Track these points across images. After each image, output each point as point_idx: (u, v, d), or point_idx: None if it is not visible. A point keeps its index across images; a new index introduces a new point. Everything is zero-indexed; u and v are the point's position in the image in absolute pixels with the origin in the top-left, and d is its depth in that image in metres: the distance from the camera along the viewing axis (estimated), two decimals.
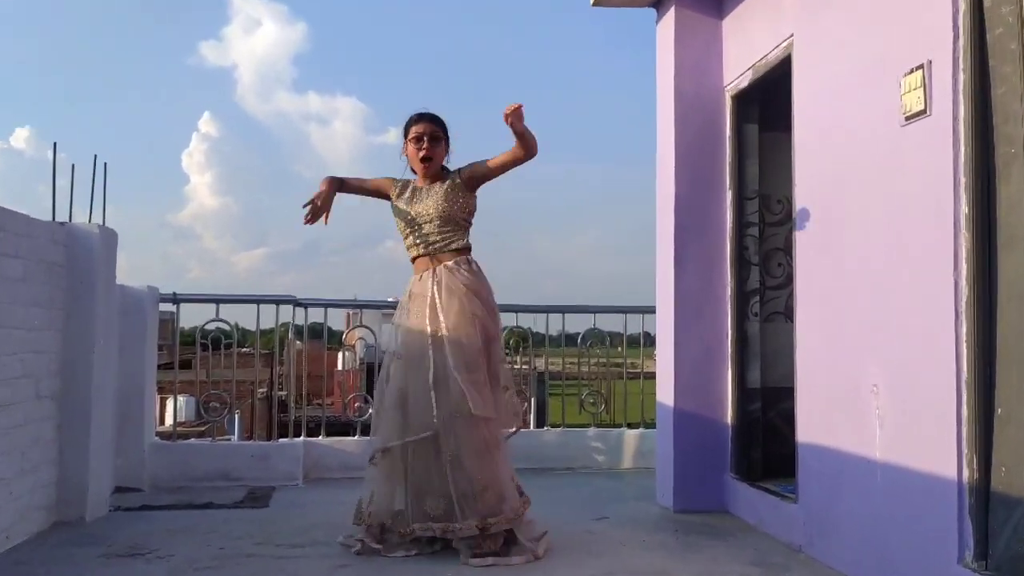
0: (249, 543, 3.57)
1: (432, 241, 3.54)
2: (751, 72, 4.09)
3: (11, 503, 3.45)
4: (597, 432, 5.80)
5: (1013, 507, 2.39)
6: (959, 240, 2.56)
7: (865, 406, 3.04)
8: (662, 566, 3.25)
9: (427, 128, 3.60)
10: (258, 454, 5.09)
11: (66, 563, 3.24)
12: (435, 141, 3.60)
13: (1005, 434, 2.43)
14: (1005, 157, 2.47)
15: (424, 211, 3.55)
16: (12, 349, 3.46)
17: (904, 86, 2.81)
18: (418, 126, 3.61)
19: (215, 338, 5.34)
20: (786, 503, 3.66)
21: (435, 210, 3.53)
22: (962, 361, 2.54)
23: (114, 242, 4.28)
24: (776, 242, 4.33)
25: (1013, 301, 2.43)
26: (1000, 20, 2.48)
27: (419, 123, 3.62)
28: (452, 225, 3.55)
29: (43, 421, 3.75)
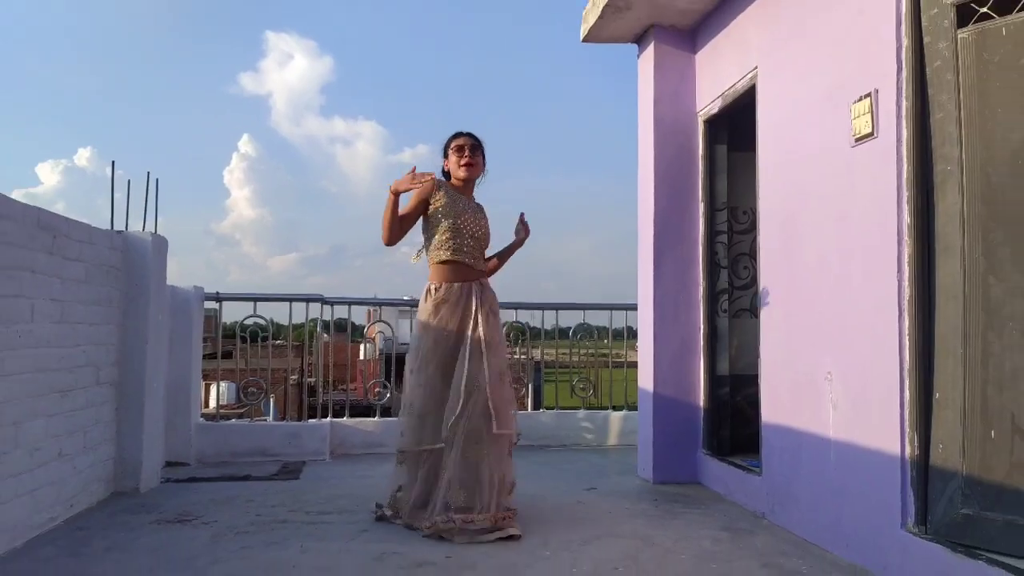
0: (283, 511, 3.57)
1: (477, 256, 3.40)
2: (721, 99, 4.09)
3: (75, 476, 3.45)
4: (586, 414, 5.80)
5: (949, 479, 2.39)
6: (902, 247, 2.57)
7: (820, 391, 3.04)
8: (644, 531, 3.26)
9: (468, 141, 3.45)
10: (290, 433, 5.08)
11: (122, 528, 3.25)
12: (475, 152, 3.45)
13: (942, 416, 2.43)
14: (942, 175, 2.47)
15: (478, 226, 3.40)
16: (75, 341, 3.47)
17: (854, 111, 2.81)
18: (459, 139, 3.46)
19: (253, 332, 5.33)
20: (751, 476, 3.66)
21: (486, 230, 3.44)
22: (905, 352, 2.54)
23: (164, 248, 4.28)
24: (743, 248, 4.33)
25: (949, 301, 2.43)
26: (938, 54, 2.49)
27: (460, 137, 3.47)
28: (486, 247, 3.48)
29: (103, 405, 3.76)
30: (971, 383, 2.35)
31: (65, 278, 3.37)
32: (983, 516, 2.29)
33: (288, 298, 5.33)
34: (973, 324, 2.35)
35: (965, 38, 2.41)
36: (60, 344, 3.33)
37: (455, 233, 3.32)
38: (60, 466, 3.31)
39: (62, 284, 3.34)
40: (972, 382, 2.34)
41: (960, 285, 2.39)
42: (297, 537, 3.12)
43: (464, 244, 3.34)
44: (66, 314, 3.38)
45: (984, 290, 2.33)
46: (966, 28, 2.41)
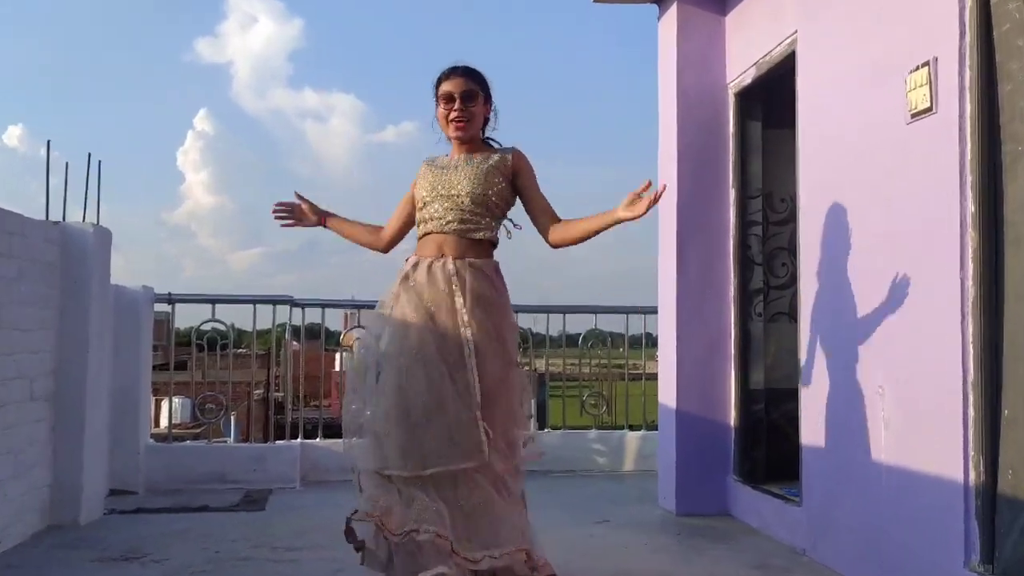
0: (245, 546, 3.57)
1: (450, 220, 2.84)
2: (754, 69, 4.09)
3: (5, 505, 3.45)
4: (598, 434, 5.80)
5: (1020, 509, 2.39)
6: (965, 239, 2.57)
7: (870, 408, 3.04)
8: (664, 570, 3.26)
9: (458, 85, 2.89)
10: (254, 456, 5.09)
11: (60, 567, 3.24)
12: (469, 99, 2.90)
13: (1012, 436, 2.43)
14: (1012, 155, 2.47)
15: (454, 182, 2.86)
16: (6, 349, 3.47)
17: (910, 83, 2.81)
18: (448, 83, 2.91)
19: (211, 339, 5.34)
20: (789, 506, 3.66)
21: (467, 183, 2.84)
22: (968, 362, 2.54)
23: (108, 241, 4.28)
24: (780, 241, 4.33)
25: (1020, 300, 2.43)
26: (1007, 16, 2.48)
27: (449, 79, 2.92)
28: (483, 210, 2.86)
29: (37, 422, 3.76)
30: None
31: None
32: None
33: (252, 299, 5.33)
34: None
35: None
36: None
37: (432, 198, 2.90)
38: None
39: None
40: None
41: None
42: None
43: (435, 212, 2.88)
44: None
45: None
46: None
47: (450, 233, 2.84)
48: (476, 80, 2.94)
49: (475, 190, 2.84)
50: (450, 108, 2.89)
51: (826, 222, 3.45)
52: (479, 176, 2.86)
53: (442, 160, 2.98)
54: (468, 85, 2.91)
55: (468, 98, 2.90)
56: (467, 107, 2.89)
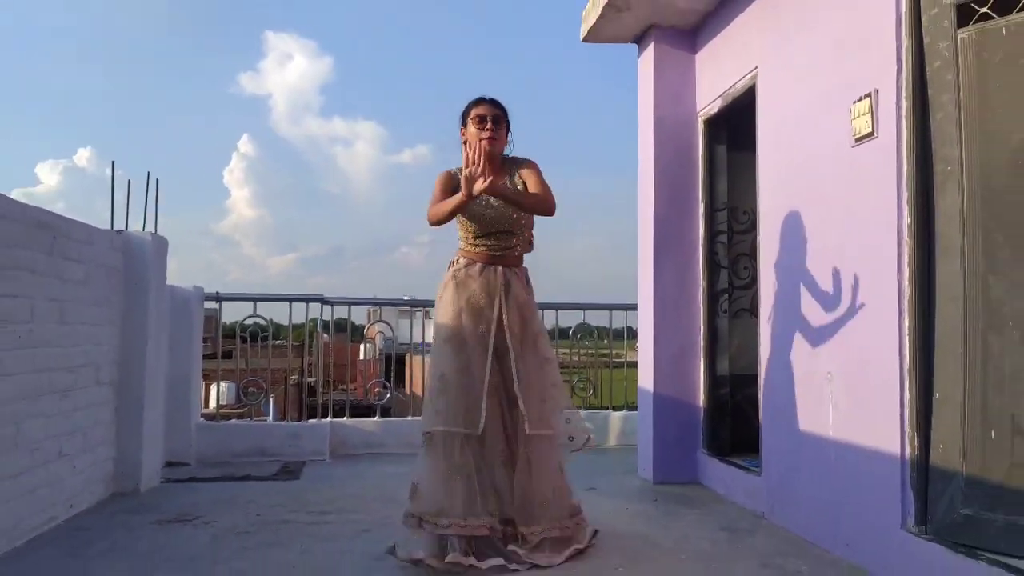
0: (283, 511, 3.57)
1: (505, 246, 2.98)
2: (721, 99, 4.09)
3: (75, 476, 3.45)
4: (586, 413, 5.77)
5: (949, 479, 2.39)
6: (902, 247, 2.57)
7: (820, 391, 3.04)
8: (644, 531, 3.25)
9: (490, 110, 2.99)
10: (290, 433, 5.08)
11: (122, 528, 3.24)
12: (497, 123, 2.99)
13: (942, 415, 2.43)
14: (942, 175, 2.47)
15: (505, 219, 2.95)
16: (75, 342, 3.47)
17: (854, 112, 2.81)
18: (480, 108, 3.01)
19: (253, 332, 5.33)
20: (751, 476, 3.66)
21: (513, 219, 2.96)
22: (905, 352, 2.54)
23: (165, 248, 4.27)
24: (743, 248, 4.32)
25: (949, 302, 2.43)
26: (938, 54, 2.48)
27: (480, 105, 3.02)
28: (521, 228, 3.02)
29: (102, 405, 3.75)
30: (971, 383, 2.34)
31: (65, 278, 3.37)
32: (983, 516, 2.29)
33: (288, 298, 5.32)
34: (973, 324, 2.35)
35: (965, 38, 2.41)
36: (60, 344, 3.32)
37: (482, 234, 2.98)
38: (60, 466, 3.31)
39: (62, 284, 3.34)
40: (972, 382, 2.34)
41: (960, 285, 2.39)
42: (298, 537, 3.12)
43: (492, 241, 2.97)
44: (66, 314, 3.38)
45: (984, 290, 2.33)
46: (966, 28, 2.41)
47: (501, 254, 2.99)
48: (501, 109, 3.06)
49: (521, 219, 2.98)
50: (482, 127, 2.97)
51: (782, 231, 3.45)
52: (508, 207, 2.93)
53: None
54: (496, 111, 3.03)
55: (496, 121, 3.01)
56: (496, 128, 2.99)
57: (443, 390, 2.86)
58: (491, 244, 2.99)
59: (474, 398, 2.82)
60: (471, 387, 2.84)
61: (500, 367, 2.90)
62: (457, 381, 2.85)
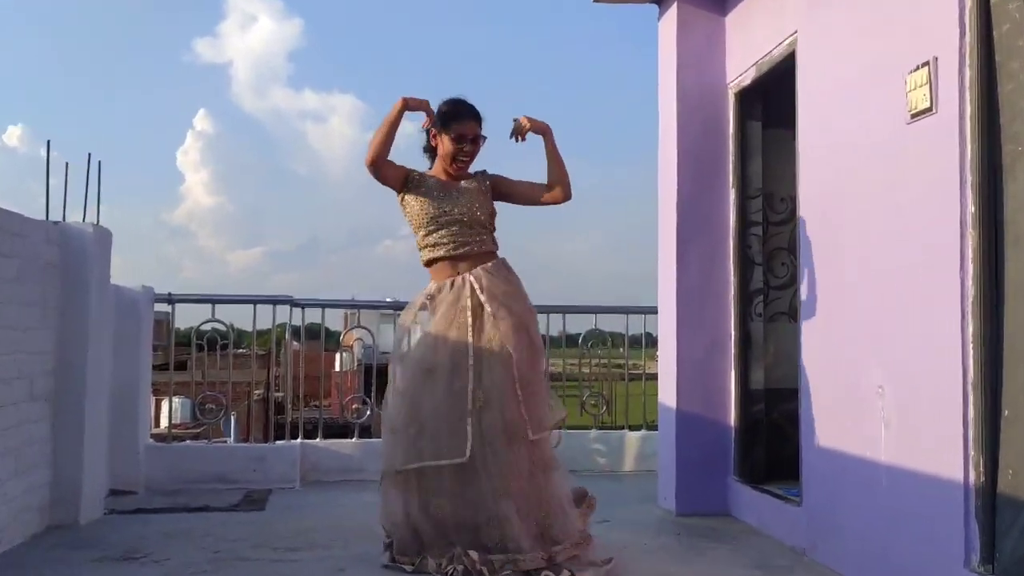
0: (245, 546, 3.57)
1: (463, 242, 3.24)
2: (754, 69, 4.09)
3: (4, 505, 3.44)
4: (598, 434, 5.80)
5: (1020, 509, 2.39)
6: (965, 239, 2.56)
7: (870, 407, 3.04)
8: (664, 569, 3.25)
9: (473, 129, 3.29)
10: (255, 456, 5.08)
11: (60, 566, 3.24)
12: (476, 143, 3.32)
13: (1012, 435, 2.43)
14: (1012, 155, 2.47)
15: (458, 211, 3.23)
16: (6, 349, 3.46)
17: (910, 83, 2.81)
18: (464, 125, 3.28)
19: (211, 339, 5.34)
20: (790, 506, 3.66)
21: (470, 211, 3.24)
22: (968, 362, 2.54)
23: (108, 241, 4.27)
24: (780, 241, 4.33)
25: (1020, 300, 2.43)
26: (1007, 16, 2.48)
27: (466, 121, 3.29)
28: (481, 228, 3.29)
29: (37, 422, 3.75)
30: None
31: None
32: None
33: (252, 300, 5.33)
34: None
35: None
36: None
37: (437, 226, 3.25)
38: None
39: None
40: None
41: None
42: None
43: (449, 233, 3.24)
44: None
45: None
46: None
47: (460, 257, 3.23)
48: (481, 124, 3.32)
49: (476, 213, 3.24)
50: (460, 149, 3.26)
51: (826, 222, 3.45)
52: (478, 198, 3.26)
53: (432, 183, 3.30)
54: (478, 130, 3.30)
55: (476, 142, 3.30)
56: (475, 150, 3.30)
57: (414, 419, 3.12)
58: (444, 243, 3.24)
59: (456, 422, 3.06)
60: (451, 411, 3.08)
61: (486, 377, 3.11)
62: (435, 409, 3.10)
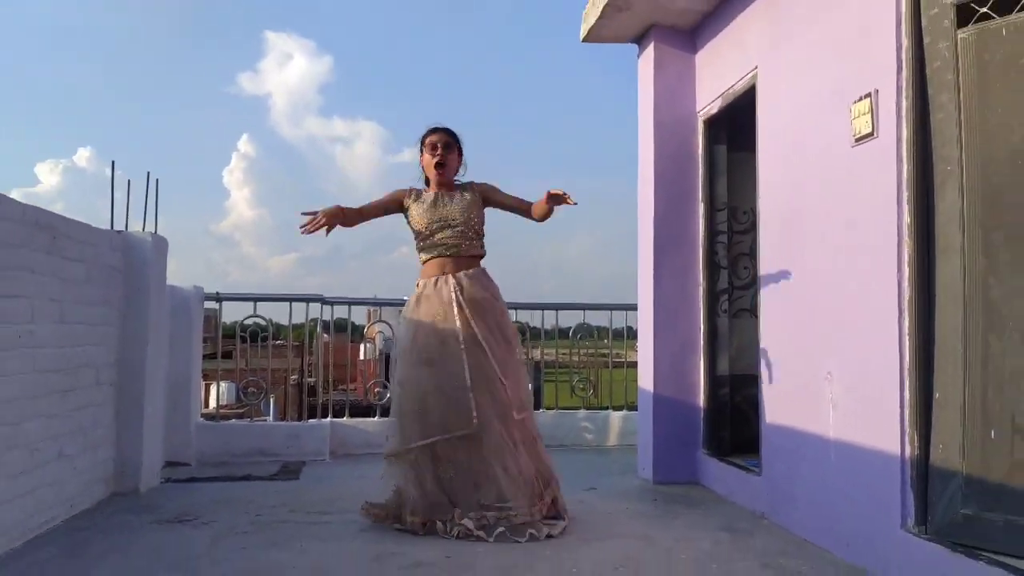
0: (283, 511, 3.57)
1: (452, 244, 3.33)
2: (721, 99, 4.09)
3: (75, 476, 3.45)
4: (586, 414, 5.80)
5: (949, 479, 2.39)
6: (902, 247, 2.57)
7: (820, 391, 3.04)
8: (644, 531, 3.25)
9: (441, 138, 3.44)
10: (290, 433, 5.08)
11: (122, 528, 3.25)
12: (448, 149, 3.43)
13: (942, 416, 2.43)
14: (942, 175, 2.47)
15: (449, 215, 3.33)
16: (75, 342, 3.47)
17: (854, 112, 2.81)
18: (433, 136, 3.45)
19: (253, 332, 5.33)
20: (751, 476, 3.66)
21: (460, 215, 3.33)
22: (905, 352, 2.54)
23: (165, 248, 4.27)
24: (743, 248, 4.32)
25: (949, 302, 2.43)
26: (938, 55, 2.48)
27: (434, 134, 3.46)
28: (472, 232, 3.38)
29: (102, 405, 3.76)
30: (971, 383, 2.35)
31: (65, 278, 3.37)
32: (983, 516, 2.29)
33: (288, 298, 5.33)
34: (973, 324, 2.35)
35: (965, 38, 2.41)
36: (60, 344, 3.33)
37: (432, 231, 3.36)
38: (60, 466, 3.31)
39: (62, 284, 3.34)
40: (972, 382, 2.34)
41: (960, 285, 2.39)
42: (297, 537, 3.12)
43: (442, 237, 3.34)
44: (66, 314, 3.38)
45: (984, 291, 2.33)
46: (966, 28, 2.41)
47: (450, 256, 3.31)
48: (454, 137, 3.47)
49: (466, 219, 3.33)
50: (435, 154, 3.39)
51: (782, 231, 3.45)
52: (467, 207, 3.34)
53: (427, 197, 3.40)
54: (449, 139, 3.44)
55: (448, 148, 3.42)
56: (447, 155, 3.40)
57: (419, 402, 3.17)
58: (439, 244, 3.33)
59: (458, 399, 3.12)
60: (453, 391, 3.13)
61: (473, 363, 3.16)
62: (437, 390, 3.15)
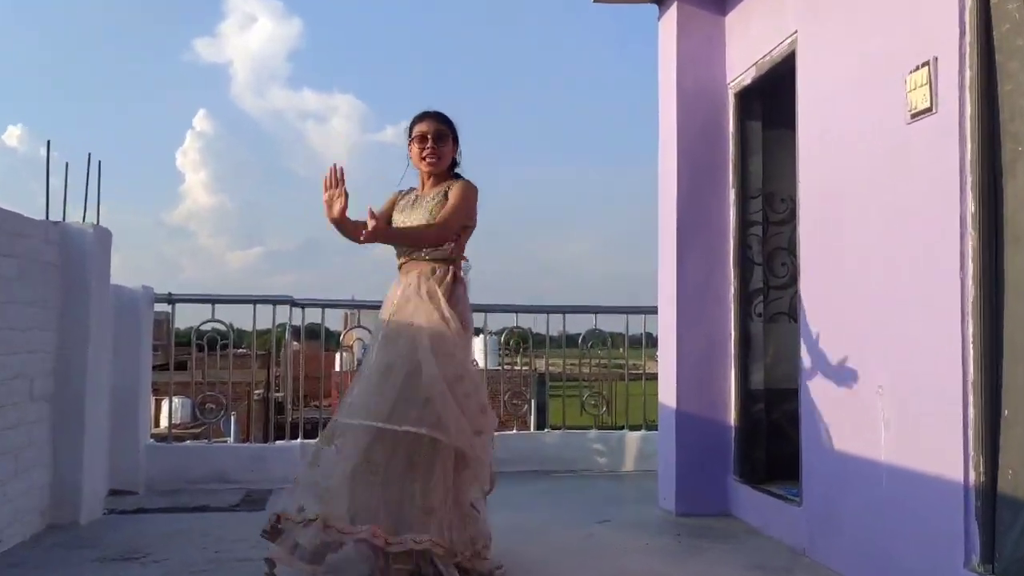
0: (245, 547, 3.57)
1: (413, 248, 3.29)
2: (754, 69, 4.09)
3: (5, 505, 3.44)
4: (598, 434, 5.80)
5: (1020, 509, 2.39)
6: (965, 239, 2.56)
7: (870, 408, 3.04)
8: (663, 570, 3.25)
9: (431, 127, 3.32)
10: (255, 456, 5.09)
11: (60, 566, 3.24)
12: (441, 140, 3.32)
13: (1012, 436, 2.43)
14: (1012, 154, 2.47)
15: (412, 221, 3.29)
16: (6, 349, 3.46)
17: (910, 83, 2.81)
18: (422, 124, 3.33)
19: (211, 339, 5.34)
20: (789, 505, 3.66)
21: (420, 219, 3.27)
22: (968, 362, 2.54)
23: (108, 241, 4.27)
24: (780, 241, 4.32)
25: (1020, 300, 2.43)
26: (1007, 16, 2.48)
27: (423, 121, 3.34)
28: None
29: (37, 422, 3.75)
30: None
31: None
32: None
33: (252, 299, 5.33)
34: None
35: None
36: None
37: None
38: None
39: None
40: None
41: None
42: None
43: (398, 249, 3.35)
44: None
45: None
46: None
47: (415, 259, 3.28)
48: (446, 123, 3.38)
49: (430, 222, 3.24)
50: (423, 147, 3.32)
51: (826, 222, 3.44)
52: (430, 211, 3.26)
53: (406, 200, 3.40)
54: (440, 127, 3.35)
55: (439, 138, 3.33)
56: (438, 147, 3.32)
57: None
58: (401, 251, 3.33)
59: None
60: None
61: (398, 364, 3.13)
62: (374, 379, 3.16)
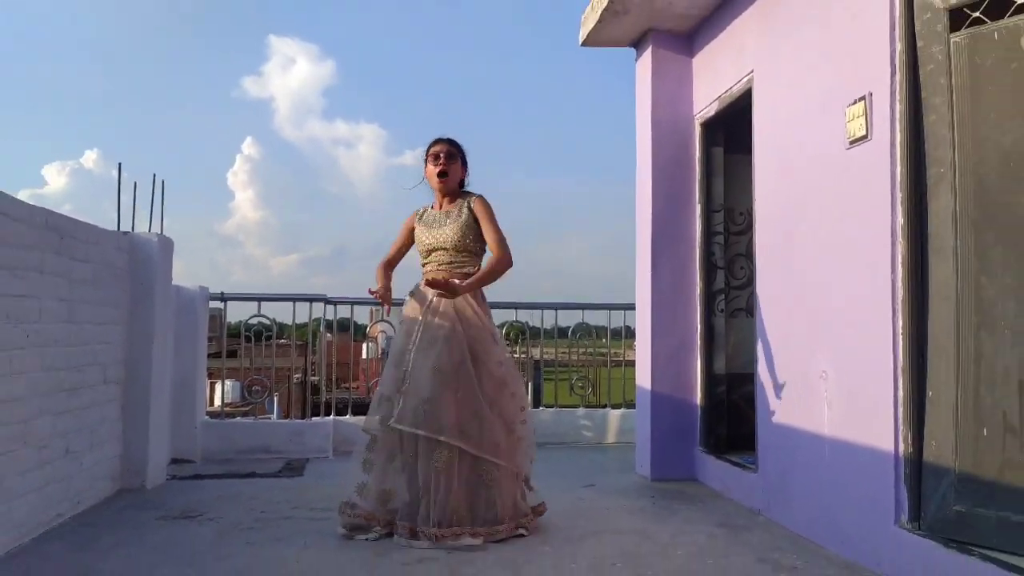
0: (286, 507, 3.57)
1: (444, 262, 3.28)
2: (717, 102, 4.09)
3: (81, 473, 3.45)
4: (585, 412, 5.80)
5: (942, 476, 2.39)
6: (896, 247, 2.57)
7: (815, 390, 3.04)
8: (642, 527, 3.26)
9: (443, 148, 3.40)
10: (294, 431, 5.08)
11: (128, 524, 3.25)
12: (451, 158, 3.38)
13: (935, 414, 2.43)
14: (935, 177, 2.47)
15: (443, 239, 3.27)
16: (83, 341, 3.47)
17: (849, 115, 2.81)
18: (436, 147, 3.42)
19: (257, 331, 5.33)
20: (747, 473, 3.66)
21: (451, 240, 3.26)
22: (898, 351, 2.54)
23: (170, 249, 4.27)
24: (739, 248, 4.32)
25: (942, 302, 2.43)
26: (931, 58, 2.49)
27: (436, 144, 3.43)
28: (466, 253, 3.29)
29: (109, 403, 3.76)
30: (963, 382, 2.35)
31: (72, 278, 3.37)
32: (975, 512, 2.29)
33: (292, 298, 5.32)
34: (965, 324, 2.35)
35: (958, 42, 2.41)
36: (67, 343, 3.33)
37: (423, 255, 3.37)
38: (67, 463, 3.31)
39: (69, 284, 3.34)
40: (964, 381, 2.34)
41: (953, 285, 2.39)
42: (301, 533, 3.12)
43: (431, 259, 3.32)
44: (73, 314, 3.38)
45: (976, 290, 2.33)
46: (959, 32, 2.41)
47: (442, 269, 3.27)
48: (456, 146, 3.44)
49: (458, 241, 3.27)
50: (437, 164, 3.37)
51: (777, 232, 3.45)
52: (460, 228, 3.27)
53: (430, 215, 3.40)
54: (451, 149, 3.42)
55: (449, 157, 3.39)
56: (449, 164, 3.37)
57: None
58: (430, 262, 3.33)
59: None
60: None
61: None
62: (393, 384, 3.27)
